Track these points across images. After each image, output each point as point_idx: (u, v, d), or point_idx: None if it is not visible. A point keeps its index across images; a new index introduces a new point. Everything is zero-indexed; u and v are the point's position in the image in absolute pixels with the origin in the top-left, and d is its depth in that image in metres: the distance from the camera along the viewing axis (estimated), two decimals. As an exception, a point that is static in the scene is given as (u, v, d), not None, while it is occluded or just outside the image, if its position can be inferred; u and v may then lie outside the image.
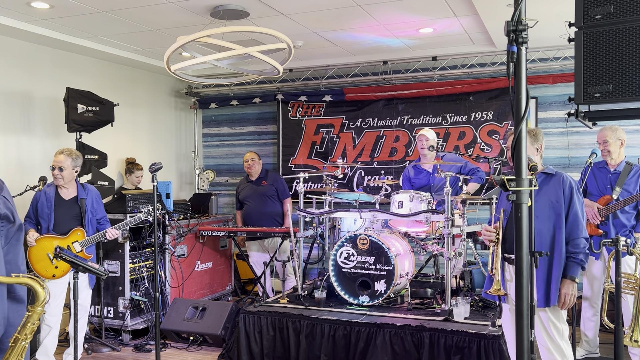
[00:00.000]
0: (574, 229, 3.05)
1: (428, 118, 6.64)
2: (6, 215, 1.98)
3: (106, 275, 3.88)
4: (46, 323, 4.24)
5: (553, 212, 3.07)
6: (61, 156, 4.26)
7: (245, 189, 6.06)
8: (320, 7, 4.77)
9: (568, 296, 3.01)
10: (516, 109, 1.80)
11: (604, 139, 4.24)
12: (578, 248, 3.03)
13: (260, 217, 5.88)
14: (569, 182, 3.10)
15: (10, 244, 2.00)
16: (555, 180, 3.12)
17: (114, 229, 4.42)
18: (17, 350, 1.92)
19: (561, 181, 3.10)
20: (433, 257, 5.01)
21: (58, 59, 5.86)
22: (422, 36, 5.73)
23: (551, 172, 3.16)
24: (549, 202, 3.08)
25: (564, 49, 5.87)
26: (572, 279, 3.02)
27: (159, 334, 3.76)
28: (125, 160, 6.45)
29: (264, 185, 5.95)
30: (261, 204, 5.90)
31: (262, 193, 5.92)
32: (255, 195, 5.95)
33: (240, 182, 6.23)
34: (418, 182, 5.15)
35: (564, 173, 3.16)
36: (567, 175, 3.14)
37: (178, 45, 4.19)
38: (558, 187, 3.09)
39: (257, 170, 6.00)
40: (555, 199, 3.08)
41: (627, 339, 2.81)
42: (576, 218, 3.05)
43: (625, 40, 2.02)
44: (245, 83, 7.30)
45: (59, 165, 4.26)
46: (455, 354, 3.71)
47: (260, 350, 4.30)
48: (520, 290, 1.82)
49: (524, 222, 1.81)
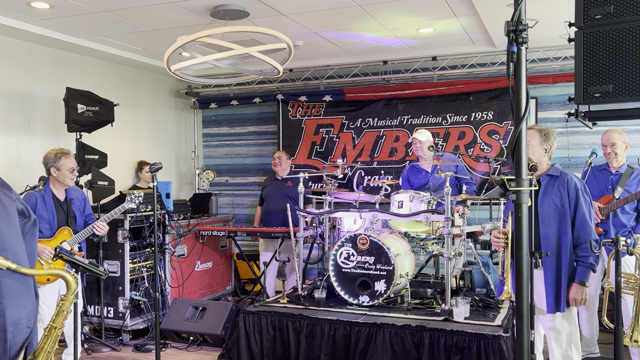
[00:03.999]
0: (582, 231, 3.01)
1: (428, 118, 6.64)
2: (22, 210, 2.03)
3: (106, 275, 3.87)
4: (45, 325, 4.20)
5: (558, 216, 3.03)
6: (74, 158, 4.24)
7: (270, 186, 6.10)
8: (320, 7, 4.77)
9: (578, 301, 3.00)
10: (516, 109, 1.80)
11: (612, 141, 4.22)
12: (588, 252, 2.99)
13: (278, 216, 5.88)
14: (574, 183, 3.05)
15: (27, 238, 2.04)
16: (560, 182, 3.08)
17: (101, 222, 4.27)
18: (52, 338, 2.02)
19: (566, 183, 3.06)
20: (433, 257, 5.01)
21: (58, 58, 5.86)
22: (422, 36, 5.73)
23: (555, 174, 3.12)
24: (554, 206, 3.04)
25: (564, 49, 5.86)
26: (581, 284, 3.00)
27: (159, 334, 3.76)
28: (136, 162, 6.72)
29: (288, 187, 5.95)
30: (282, 203, 5.87)
31: (285, 193, 5.92)
32: (278, 193, 5.97)
33: (266, 179, 6.30)
34: (417, 183, 5.15)
35: (569, 174, 3.11)
36: (572, 176, 3.10)
37: (178, 45, 4.19)
38: (563, 189, 3.06)
39: (283, 169, 6.05)
40: (560, 202, 3.04)
41: (627, 339, 2.80)
42: (584, 220, 3.01)
43: (625, 40, 2.02)
44: (245, 83, 7.30)
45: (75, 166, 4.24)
46: (455, 354, 3.71)
47: (260, 350, 4.30)
48: (520, 290, 1.82)
49: (524, 222, 1.81)
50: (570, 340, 3.09)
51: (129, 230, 5.14)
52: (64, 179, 4.20)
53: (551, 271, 3.04)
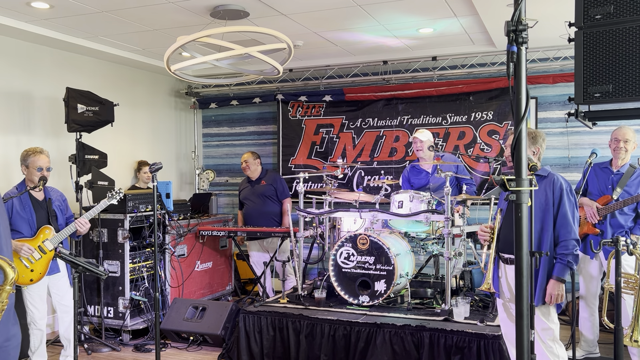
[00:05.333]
0: (562, 230, 3.06)
1: (428, 118, 6.64)
2: None
3: (106, 275, 3.87)
4: (37, 327, 4.12)
5: (542, 214, 3.09)
6: (47, 156, 4.19)
7: (246, 189, 6.06)
8: (320, 7, 4.77)
9: (554, 296, 3.05)
10: (516, 109, 1.80)
11: (627, 137, 4.18)
12: (567, 250, 3.04)
13: (260, 216, 5.87)
14: (559, 183, 3.11)
15: None
16: (547, 182, 3.14)
17: (83, 218, 4.21)
18: None
19: (552, 183, 3.12)
20: (433, 257, 5.01)
21: (58, 59, 5.86)
22: (422, 36, 5.73)
23: (543, 174, 3.17)
24: (538, 204, 3.10)
25: (564, 49, 5.86)
26: (559, 280, 3.05)
27: (159, 334, 3.76)
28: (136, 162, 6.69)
29: (263, 185, 5.94)
30: (260, 203, 5.89)
31: (261, 193, 5.91)
32: (254, 195, 5.95)
33: (242, 182, 6.23)
34: (417, 183, 5.15)
35: (556, 174, 3.17)
36: (558, 177, 3.15)
37: (178, 45, 4.19)
38: (548, 188, 3.12)
39: (254, 171, 5.98)
40: (544, 200, 3.10)
41: (627, 339, 2.80)
42: (565, 219, 3.06)
43: (625, 40, 2.01)
44: (245, 83, 7.30)
45: (50, 165, 4.21)
46: (455, 354, 3.71)
47: (260, 350, 4.30)
48: (520, 290, 1.82)
49: (524, 222, 1.81)
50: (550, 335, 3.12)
51: (129, 230, 5.14)
52: (30, 177, 4.14)
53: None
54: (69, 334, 4.30)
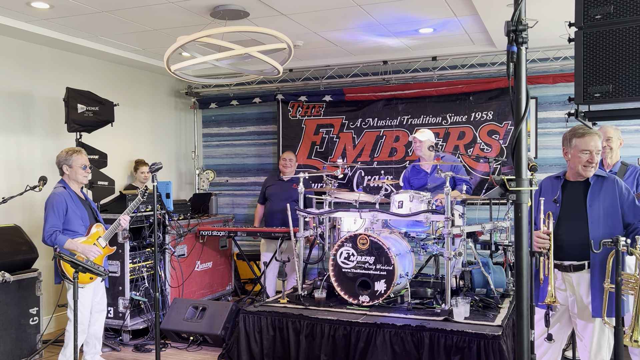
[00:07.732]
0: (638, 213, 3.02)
1: (428, 118, 6.64)
2: None
3: (106, 275, 3.88)
4: (82, 330, 4.12)
5: (609, 218, 3.03)
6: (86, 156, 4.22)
7: (274, 186, 6.07)
8: (320, 7, 4.77)
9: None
10: (516, 109, 1.80)
11: (607, 135, 4.20)
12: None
13: (282, 216, 5.86)
14: (622, 184, 3.08)
15: None
16: (608, 184, 3.08)
17: (125, 215, 4.30)
18: None
19: (616, 183, 3.07)
20: (433, 257, 5.01)
21: (58, 59, 5.86)
22: (422, 36, 5.73)
23: (604, 175, 3.11)
24: (603, 209, 3.03)
25: (564, 49, 5.86)
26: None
27: (159, 334, 3.76)
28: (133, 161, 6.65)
29: (294, 189, 5.90)
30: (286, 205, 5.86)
31: (290, 195, 5.85)
32: (283, 194, 5.95)
33: (269, 177, 6.26)
34: (417, 183, 5.15)
35: (614, 175, 3.13)
36: (618, 178, 3.11)
37: (178, 45, 4.19)
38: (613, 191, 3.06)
39: (291, 171, 6.04)
40: (611, 204, 3.04)
41: (627, 339, 2.80)
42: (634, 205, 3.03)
43: (625, 40, 2.02)
44: (245, 83, 7.30)
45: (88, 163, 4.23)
46: (455, 354, 3.70)
47: (260, 350, 4.30)
48: (520, 290, 1.81)
49: (524, 222, 1.81)
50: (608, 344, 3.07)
51: (129, 230, 5.14)
52: (76, 176, 4.16)
53: (598, 276, 3.01)
54: (100, 333, 4.37)
